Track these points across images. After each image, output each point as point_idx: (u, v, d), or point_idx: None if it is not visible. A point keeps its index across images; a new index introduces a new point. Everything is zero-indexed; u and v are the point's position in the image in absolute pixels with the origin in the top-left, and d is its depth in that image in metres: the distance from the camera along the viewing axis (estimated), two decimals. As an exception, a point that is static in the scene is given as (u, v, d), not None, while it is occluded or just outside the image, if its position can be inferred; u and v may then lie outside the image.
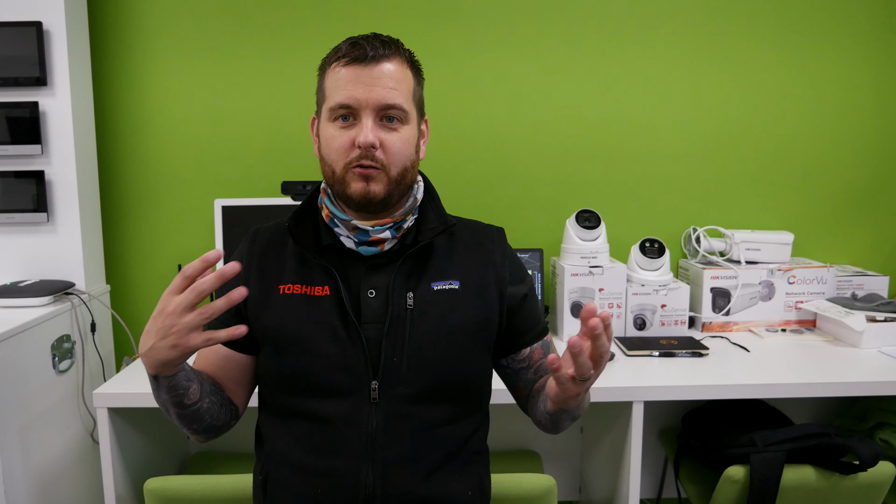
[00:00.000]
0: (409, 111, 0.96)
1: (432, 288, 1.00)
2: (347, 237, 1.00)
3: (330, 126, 0.96)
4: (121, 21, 1.92)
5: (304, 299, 0.99)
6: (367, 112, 0.93)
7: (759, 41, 1.99)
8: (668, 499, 2.06)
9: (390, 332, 0.97)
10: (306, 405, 0.97)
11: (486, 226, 1.12)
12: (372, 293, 0.99)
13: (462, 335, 1.00)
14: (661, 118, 2.01)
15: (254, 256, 1.05)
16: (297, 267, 1.02)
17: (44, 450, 1.57)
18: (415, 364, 0.96)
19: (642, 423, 1.45)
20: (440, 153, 2.00)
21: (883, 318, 1.70)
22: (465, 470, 1.01)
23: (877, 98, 2.02)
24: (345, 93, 0.93)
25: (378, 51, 0.93)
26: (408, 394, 0.96)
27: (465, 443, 1.02)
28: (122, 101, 1.95)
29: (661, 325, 1.80)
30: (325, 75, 0.98)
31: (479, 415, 1.06)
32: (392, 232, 0.99)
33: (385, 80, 0.93)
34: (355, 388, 0.95)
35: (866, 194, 2.07)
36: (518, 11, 1.96)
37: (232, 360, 1.05)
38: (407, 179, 0.98)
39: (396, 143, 0.95)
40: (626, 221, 2.06)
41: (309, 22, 1.94)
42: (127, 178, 1.98)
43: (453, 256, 1.04)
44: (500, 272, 1.05)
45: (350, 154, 0.94)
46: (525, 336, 1.09)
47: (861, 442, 1.34)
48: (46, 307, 1.63)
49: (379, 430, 0.95)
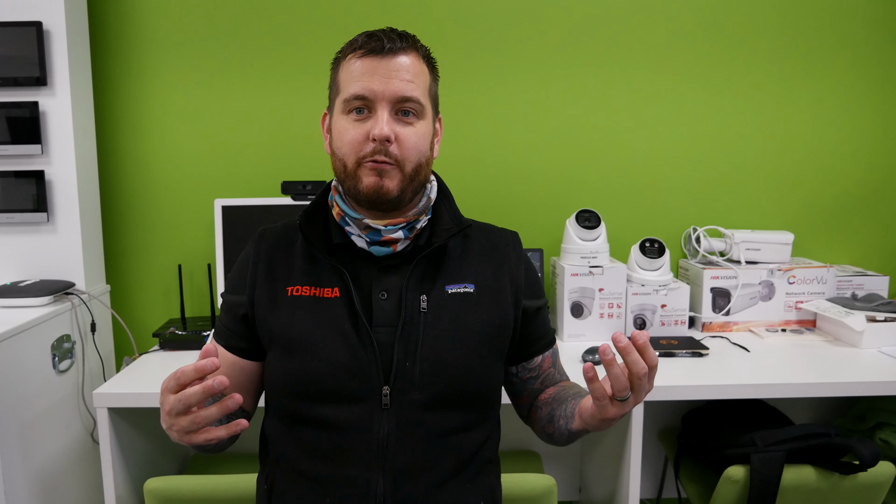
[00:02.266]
0: (425, 105, 0.94)
1: (447, 291, 0.98)
2: (359, 236, 0.97)
3: (343, 119, 0.93)
4: (121, 21, 1.92)
5: (313, 301, 0.96)
6: (382, 104, 0.91)
7: (760, 42, 1.99)
8: (668, 499, 2.06)
9: (403, 336, 0.93)
10: (315, 411, 0.93)
11: (501, 229, 1.10)
12: (384, 295, 0.96)
13: (477, 340, 0.97)
14: (661, 118, 2.01)
15: (261, 257, 1.02)
16: (305, 267, 0.99)
17: (44, 450, 1.57)
18: (428, 369, 0.93)
19: (642, 423, 1.45)
20: (440, 152, 2.00)
21: (883, 318, 1.70)
22: (478, 479, 0.99)
23: (876, 98, 2.02)
24: (361, 84, 0.91)
25: (395, 43, 0.92)
26: (421, 400, 0.93)
27: (478, 451, 0.99)
28: (122, 101, 1.95)
29: (661, 325, 1.80)
30: (339, 68, 0.96)
31: (491, 423, 1.03)
32: (405, 232, 0.97)
33: (402, 73, 0.91)
34: (366, 394, 0.92)
35: (866, 194, 2.07)
36: (519, 15, 1.96)
37: (239, 367, 1.03)
38: (421, 176, 0.96)
39: (412, 138, 0.92)
40: (626, 221, 2.06)
41: (309, 22, 1.94)
42: (127, 178, 1.98)
43: (468, 259, 1.02)
44: (515, 277, 1.03)
45: (364, 148, 0.91)
46: (538, 343, 1.07)
47: (861, 442, 1.34)
48: (46, 307, 1.63)
49: (391, 438, 0.92)
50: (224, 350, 1.03)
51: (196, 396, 0.76)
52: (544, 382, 1.09)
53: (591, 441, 1.88)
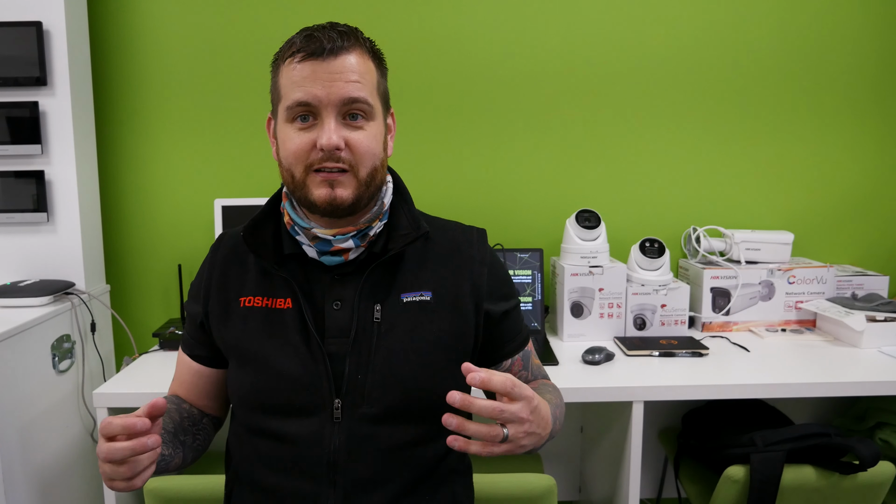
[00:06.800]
0: (374, 105, 0.89)
1: (402, 300, 0.93)
2: (309, 246, 0.93)
3: (288, 127, 0.88)
4: (121, 21, 1.92)
5: (264, 313, 0.93)
6: (328, 110, 0.85)
7: (760, 44, 1.99)
8: (668, 499, 2.06)
9: (355, 348, 0.91)
10: (268, 423, 0.92)
11: (466, 228, 1.03)
12: (337, 305, 0.92)
13: (434, 350, 0.93)
14: (661, 118, 2.01)
15: (215, 266, 0.99)
16: (258, 278, 0.96)
17: (44, 450, 1.57)
18: (380, 382, 0.90)
19: (642, 423, 1.45)
20: (440, 152, 2.00)
21: (883, 318, 1.70)
22: (441, 490, 0.95)
23: (876, 98, 2.02)
24: (303, 90, 0.85)
25: (336, 43, 0.85)
26: (372, 413, 0.90)
27: (440, 462, 0.95)
28: (122, 100, 1.95)
29: (661, 324, 1.80)
30: (278, 72, 0.90)
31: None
32: (356, 241, 0.92)
33: (346, 74, 0.85)
34: (317, 407, 0.90)
35: (866, 194, 2.07)
36: (520, 15, 1.96)
37: (204, 375, 1.02)
38: (377, 180, 0.91)
39: (364, 142, 0.87)
40: (626, 221, 2.05)
41: (311, 13, 1.94)
42: (127, 178, 1.98)
43: (427, 264, 0.97)
44: (477, 281, 0.97)
45: (311, 157, 0.87)
46: (505, 348, 1.03)
47: (861, 442, 1.34)
48: (46, 307, 1.63)
49: (341, 452, 0.89)
50: (188, 358, 1.03)
51: (121, 454, 0.74)
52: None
53: (591, 441, 1.88)
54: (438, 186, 2.02)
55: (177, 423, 0.97)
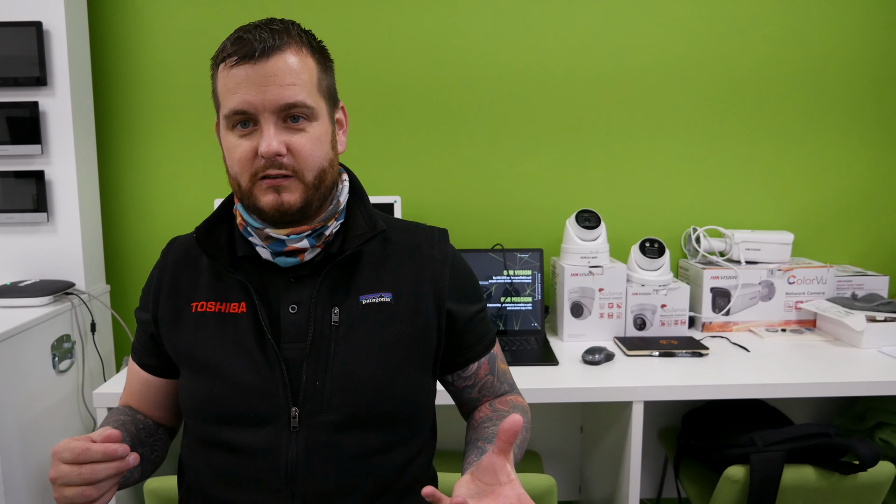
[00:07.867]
0: (314, 106, 0.84)
1: (360, 302, 0.90)
2: (262, 247, 0.89)
3: (229, 135, 0.85)
4: (121, 21, 1.92)
5: (217, 318, 0.90)
6: (265, 116, 0.82)
7: (759, 43, 1.99)
8: (668, 499, 2.06)
9: (312, 353, 0.87)
10: (222, 434, 0.87)
11: (427, 228, 1.00)
12: (294, 309, 0.89)
13: (395, 354, 0.89)
14: (661, 119, 2.01)
15: (165, 272, 0.96)
16: (211, 282, 0.92)
17: (44, 450, 1.57)
18: (340, 388, 0.86)
19: (642, 423, 1.45)
20: (441, 152, 2.00)
21: (883, 318, 1.70)
22: (405, 501, 0.92)
23: (876, 98, 2.02)
24: (238, 97, 0.81)
25: (267, 43, 0.81)
26: (332, 421, 0.85)
27: (404, 471, 0.91)
28: (122, 101, 1.95)
29: (661, 325, 1.80)
30: (216, 77, 0.86)
31: (419, 440, 0.95)
32: (311, 241, 0.88)
33: (280, 77, 0.81)
34: (273, 416, 0.85)
35: (866, 194, 2.07)
36: (521, 13, 1.96)
37: (154, 386, 0.99)
38: (326, 182, 0.87)
39: (307, 145, 0.84)
40: (626, 221, 2.06)
41: (311, 13, 1.94)
42: (127, 178, 1.98)
43: (386, 264, 0.93)
44: (438, 281, 0.94)
45: (254, 164, 0.83)
46: (471, 350, 0.99)
47: (861, 442, 1.34)
48: (46, 307, 1.63)
49: (299, 462, 0.85)
50: (138, 367, 1.00)
51: (105, 472, 0.73)
52: (482, 391, 1.01)
53: (591, 441, 1.88)
54: (438, 187, 2.02)
55: (133, 435, 0.93)
